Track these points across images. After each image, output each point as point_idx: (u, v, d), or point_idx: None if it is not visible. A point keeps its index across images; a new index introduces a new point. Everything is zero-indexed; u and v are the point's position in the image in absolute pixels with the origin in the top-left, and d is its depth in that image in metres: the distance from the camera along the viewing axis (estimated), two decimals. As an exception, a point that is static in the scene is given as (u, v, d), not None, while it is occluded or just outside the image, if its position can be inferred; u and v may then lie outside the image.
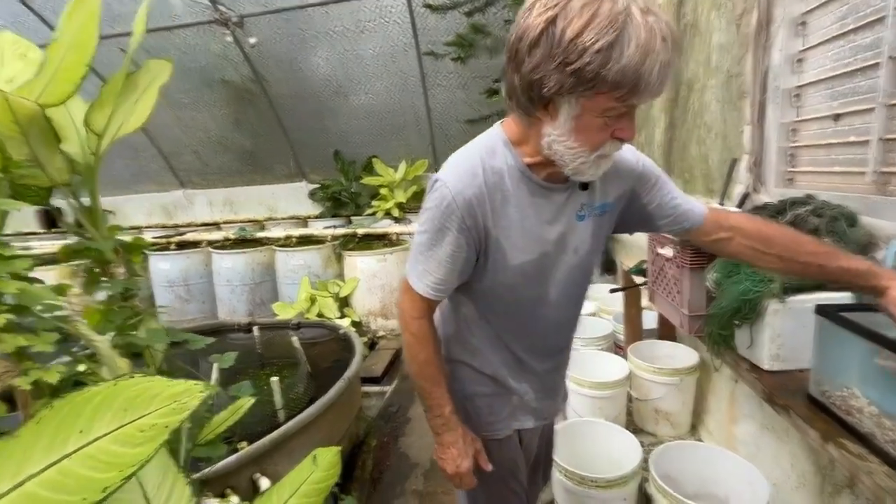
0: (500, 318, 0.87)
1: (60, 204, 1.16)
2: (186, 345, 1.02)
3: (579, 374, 1.95)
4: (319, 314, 3.17)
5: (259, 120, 4.89)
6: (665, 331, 2.17)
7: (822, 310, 0.84)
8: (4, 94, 0.69)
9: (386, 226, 3.72)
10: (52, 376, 0.69)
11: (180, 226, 5.28)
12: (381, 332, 3.33)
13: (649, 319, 2.36)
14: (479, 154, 0.75)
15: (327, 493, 0.90)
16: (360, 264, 3.30)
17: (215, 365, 1.68)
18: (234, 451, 1.38)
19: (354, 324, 3.16)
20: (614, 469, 1.42)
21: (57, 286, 0.86)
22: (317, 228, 3.90)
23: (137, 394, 0.51)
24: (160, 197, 5.82)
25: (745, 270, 1.05)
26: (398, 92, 4.55)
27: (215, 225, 5.39)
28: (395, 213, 4.46)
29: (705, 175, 1.98)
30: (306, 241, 3.61)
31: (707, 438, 1.95)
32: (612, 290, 1.88)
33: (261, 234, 3.80)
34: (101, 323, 0.92)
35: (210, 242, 3.77)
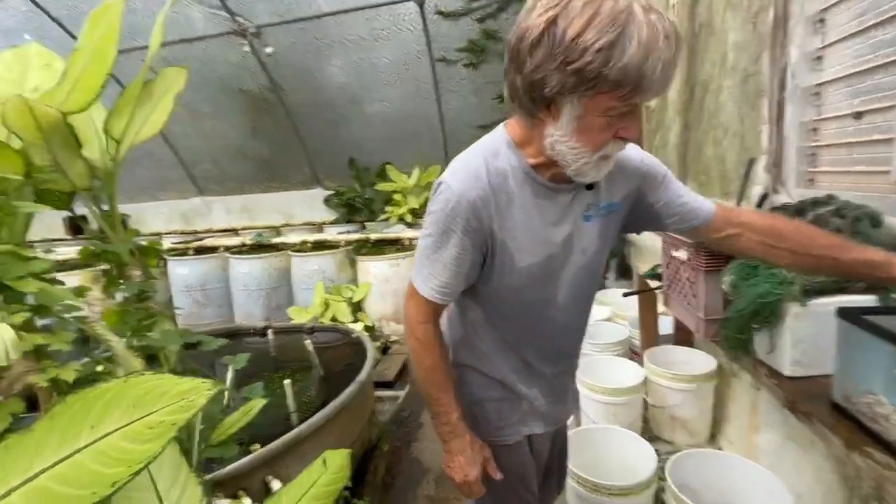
0: (507, 322, 0.86)
1: (83, 212, 1.20)
2: (200, 346, 1.04)
3: (594, 379, 1.91)
4: (333, 319, 3.20)
5: (276, 128, 4.99)
6: (681, 336, 2.13)
7: (845, 313, 0.81)
8: (28, 102, 0.72)
9: (399, 231, 3.74)
10: (69, 374, 0.70)
11: (199, 232, 5.39)
12: (393, 337, 3.34)
13: (665, 324, 2.31)
14: (483, 156, 0.75)
15: (336, 495, 0.90)
16: (373, 269, 3.32)
17: (230, 367, 1.70)
18: (247, 453, 1.40)
19: (367, 328, 3.17)
20: (629, 477, 1.38)
21: (76, 288, 0.88)
22: (331, 234, 3.94)
23: (147, 391, 0.52)
24: (179, 204, 5.97)
25: (762, 272, 1.01)
26: (411, 99, 4.60)
27: (233, 231, 5.50)
28: (409, 218, 4.49)
29: (722, 176, 1.93)
30: (321, 246, 3.65)
31: (727, 448, 1.89)
32: (626, 294, 1.85)
33: (277, 240, 3.85)
34: (117, 324, 0.94)
35: (227, 248, 3.84)
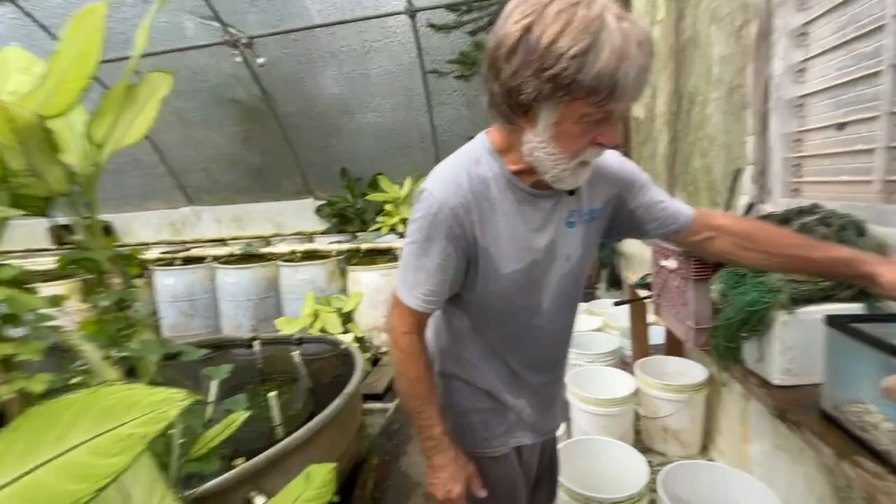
0: (493, 330, 0.86)
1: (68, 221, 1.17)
2: (181, 357, 1.01)
3: (585, 390, 1.90)
4: (322, 329, 3.15)
5: (267, 138, 4.98)
6: (672, 346, 2.12)
7: (833, 321, 0.81)
8: (2, 104, 0.70)
9: (390, 241, 3.72)
10: (38, 385, 0.67)
11: (187, 242, 5.33)
12: (384, 348, 3.29)
13: (656, 334, 2.31)
14: (465, 163, 0.76)
15: (320, 511, 0.87)
16: (363, 279, 3.30)
17: (214, 380, 1.66)
18: (230, 468, 1.35)
19: (357, 339, 3.13)
20: (621, 489, 1.36)
21: (52, 297, 0.85)
22: (322, 244, 3.91)
23: (116, 402, 0.49)
24: (168, 214, 5.90)
25: (750, 280, 1.02)
26: (403, 110, 4.62)
27: (222, 241, 5.44)
28: (400, 228, 4.48)
29: (709, 187, 1.96)
30: (311, 256, 3.62)
31: (719, 459, 1.88)
32: (617, 303, 1.85)
33: (266, 250, 3.81)
34: (95, 334, 0.92)
35: (215, 258, 3.79)
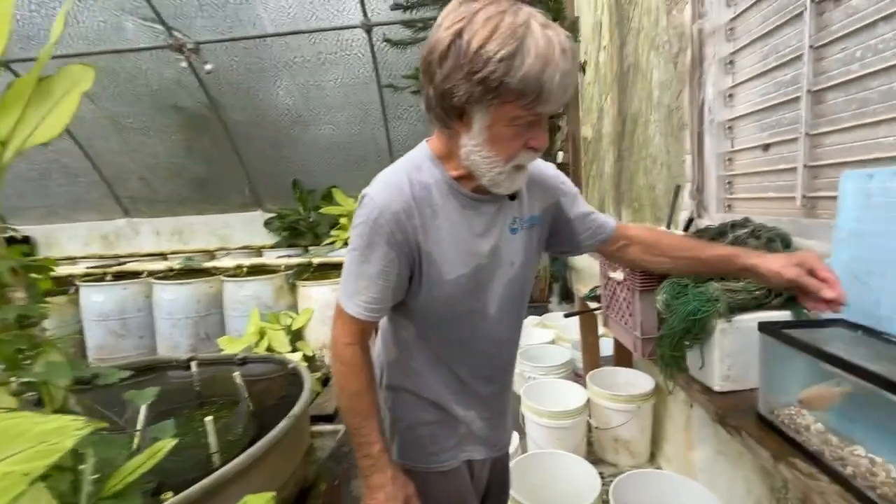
0: (440, 338, 0.84)
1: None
2: (97, 381, 0.90)
3: (539, 403, 1.90)
4: (269, 348, 2.98)
5: (213, 147, 4.75)
6: (621, 357, 2.18)
7: (765, 327, 0.85)
8: None
9: (343, 254, 3.61)
10: None
11: (121, 256, 4.93)
12: (336, 367, 3.16)
13: (607, 346, 2.37)
14: (406, 170, 0.77)
15: (255, 546, 0.79)
16: (314, 294, 3.17)
17: (141, 405, 1.51)
18: (158, 503, 1.23)
19: (307, 358, 2.99)
20: (574, 502, 1.36)
21: (-65, 313, 0.74)
22: (270, 258, 3.74)
23: (-4, 434, 0.42)
24: (100, 226, 5.46)
25: (692, 290, 1.05)
26: (359, 123, 4.57)
27: (162, 255, 5.09)
28: (355, 242, 4.36)
29: (653, 203, 2.06)
30: (257, 270, 3.44)
31: (666, 466, 1.93)
32: (567, 315, 1.88)
33: (209, 264, 3.59)
34: (-10, 356, 0.80)
35: (151, 273, 3.52)
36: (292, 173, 4.98)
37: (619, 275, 1.37)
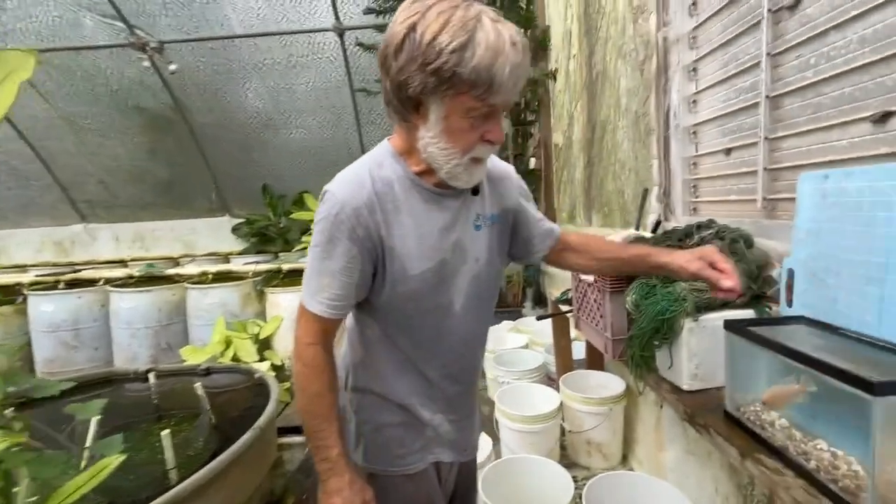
0: (406, 336, 0.83)
1: None
2: (34, 394, 0.83)
3: (512, 408, 1.89)
4: (235, 358, 2.87)
5: (178, 150, 4.58)
6: (593, 360, 2.20)
7: (730, 325, 0.86)
8: None
9: (314, 261, 3.52)
10: None
11: (77, 264, 4.67)
12: (306, 376, 3.07)
13: (579, 350, 2.39)
14: (368, 166, 0.77)
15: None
16: (283, 302, 3.08)
17: (86, 419, 1.41)
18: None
19: (275, 368, 2.89)
20: (547, 508, 1.35)
21: None
22: (237, 265, 3.61)
23: None
24: (54, 232, 5.16)
25: (660, 291, 1.07)
26: (331, 128, 4.50)
27: (121, 262, 4.84)
28: (327, 248, 4.27)
29: (622, 208, 2.09)
30: (224, 277, 3.32)
31: (638, 467, 1.95)
32: (539, 318, 1.88)
33: (172, 271, 3.44)
34: None
35: (109, 280, 3.34)
36: (262, 178, 4.85)
37: (589, 277, 1.38)
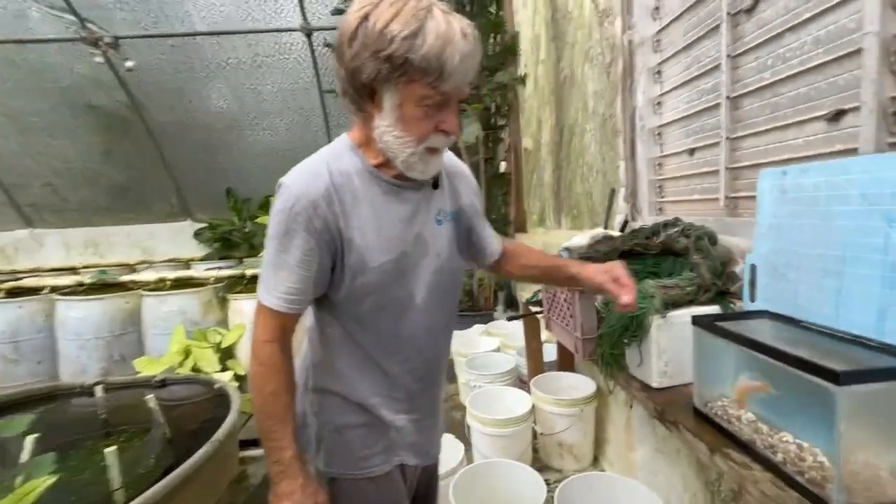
0: (367, 331, 0.81)
1: None
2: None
3: (484, 412, 1.86)
4: (195, 368, 2.72)
5: (136, 151, 4.37)
6: (564, 361, 2.20)
7: (698, 320, 0.86)
8: None
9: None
10: None
11: (20, 272, 4.35)
12: (272, 385, 2.94)
13: (550, 352, 2.39)
14: (325, 159, 0.77)
15: None
16: (247, 309, 2.94)
17: (28, 438, 1.30)
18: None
19: (238, 377, 2.76)
20: (520, 513, 1.32)
21: None
22: (198, 271, 3.45)
23: None
24: (-5, 237, 4.82)
25: (628, 288, 1.06)
26: (300, 129, 4.40)
27: (72, 270, 4.55)
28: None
29: (591, 210, 2.11)
30: (183, 284, 3.16)
31: (609, 468, 1.95)
32: (510, 318, 1.87)
33: (126, 278, 3.25)
34: None
35: (56, 288, 3.12)
36: (226, 181, 4.68)
37: (559, 276, 1.37)
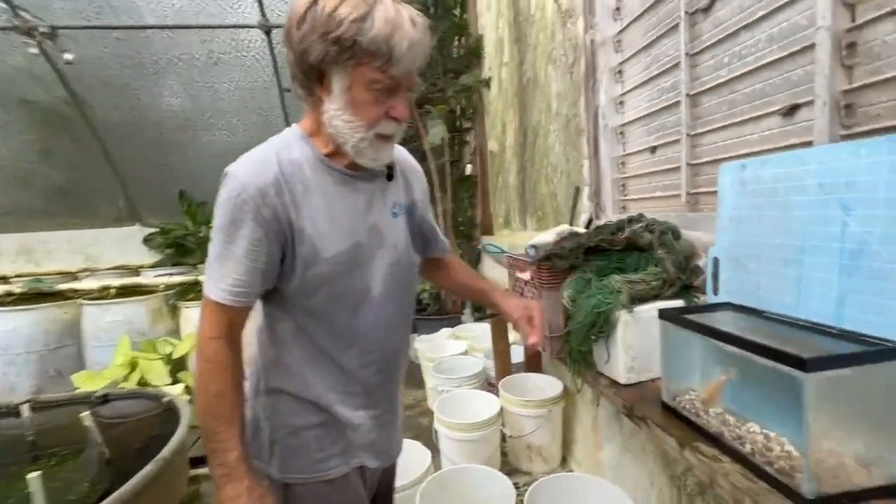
0: (320, 325, 0.78)
1: None
2: None
3: (452, 416, 1.82)
4: (142, 382, 2.53)
5: (78, 151, 4.07)
6: (531, 362, 2.19)
7: (664, 313, 0.86)
8: None
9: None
10: None
11: (-59, 282, 3.94)
12: (228, 398, 2.79)
13: (518, 353, 2.38)
14: (274, 149, 0.75)
15: None
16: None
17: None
18: None
19: (190, 390, 2.59)
20: (489, 519, 1.28)
21: None
22: (147, 278, 3.24)
23: None
24: (-89, 244, 4.35)
25: (595, 284, 1.05)
26: (258, 130, 4.24)
27: (4, 279, 4.17)
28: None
29: (555, 210, 2.12)
30: (130, 291, 2.95)
31: (577, 468, 1.95)
32: (478, 318, 1.83)
33: (64, 286, 3.00)
34: None
35: (-20, 299, 2.84)
36: (179, 183, 4.45)
37: (525, 275, 1.35)
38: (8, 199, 4.24)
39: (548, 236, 1.28)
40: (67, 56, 3.37)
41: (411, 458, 1.58)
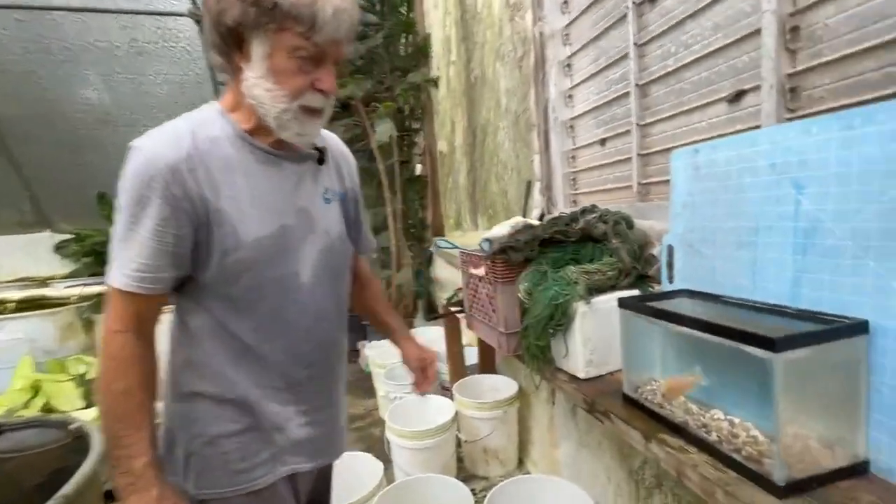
0: (241, 316, 0.72)
1: None
2: None
3: (404, 425, 1.72)
4: (48, 408, 2.21)
5: (-31, 147, 3.56)
6: (485, 362, 2.15)
7: (624, 302, 0.83)
8: None
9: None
10: None
11: None
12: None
13: (472, 355, 2.32)
14: (189, 124, 0.70)
15: None
16: (122, 330, 2.48)
17: None
18: None
19: (109, 413, 2.29)
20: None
21: None
22: (57, 289, 2.86)
23: None
24: None
25: (552, 276, 1.02)
26: (190, 127, 3.93)
27: None
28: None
29: (506, 208, 2.10)
30: (33, 305, 2.59)
31: (534, 469, 1.92)
32: (430, 318, 1.76)
33: (-51, 301, 2.58)
34: None
35: None
36: (98, 185, 4.01)
37: (480, 270, 1.30)
38: None
39: (502, 229, 1.23)
40: (-45, 37, 2.94)
41: (362, 471, 1.47)
